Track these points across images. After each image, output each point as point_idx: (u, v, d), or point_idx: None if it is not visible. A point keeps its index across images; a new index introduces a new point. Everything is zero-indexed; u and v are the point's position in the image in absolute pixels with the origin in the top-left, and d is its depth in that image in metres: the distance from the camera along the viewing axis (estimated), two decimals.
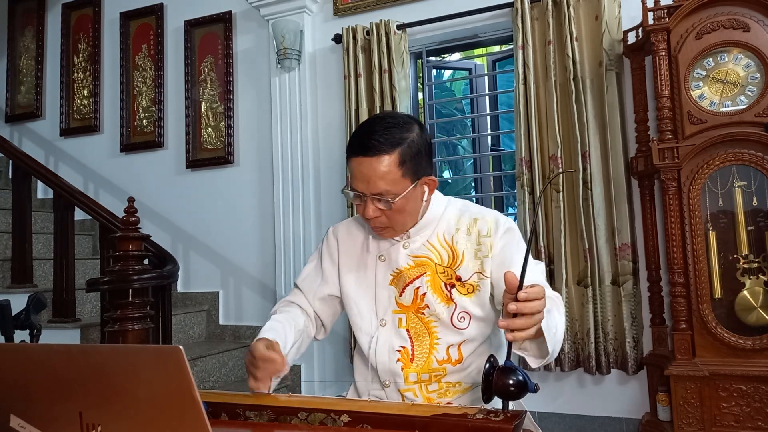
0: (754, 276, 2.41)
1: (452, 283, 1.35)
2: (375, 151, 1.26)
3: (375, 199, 1.29)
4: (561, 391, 2.92)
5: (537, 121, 2.89)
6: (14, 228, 3.08)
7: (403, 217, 1.33)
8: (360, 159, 1.28)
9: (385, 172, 1.26)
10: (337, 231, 1.50)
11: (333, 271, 1.47)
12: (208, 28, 3.74)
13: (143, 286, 2.28)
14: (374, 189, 1.27)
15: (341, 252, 1.47)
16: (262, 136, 3.56)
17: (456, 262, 1.36)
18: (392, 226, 1.34)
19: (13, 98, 4.27)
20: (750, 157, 2.39)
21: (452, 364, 1.34)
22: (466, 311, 1.33)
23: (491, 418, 0.93)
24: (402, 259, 1.38)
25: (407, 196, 1.29)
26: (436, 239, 1.38)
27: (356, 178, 1.30)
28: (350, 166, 1.32)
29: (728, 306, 2.43)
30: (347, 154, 1.33)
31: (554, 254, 2.83)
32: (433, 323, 1.35)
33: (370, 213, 1.30)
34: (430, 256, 1.37)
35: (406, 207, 1.31)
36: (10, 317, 1.50)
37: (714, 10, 2.48)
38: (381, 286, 1.40)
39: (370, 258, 1.43)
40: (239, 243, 3.58)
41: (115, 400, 0.72)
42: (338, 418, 1.00)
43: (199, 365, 3.00)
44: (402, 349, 1.36)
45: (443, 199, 1.45)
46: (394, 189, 1.27)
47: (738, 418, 2.33)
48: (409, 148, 1.28)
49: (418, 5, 3.25)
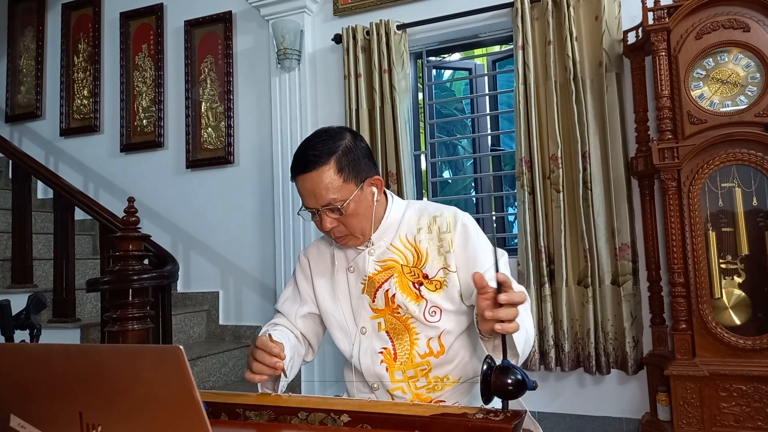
0: (729, 277, 2.44)
1: (420, 281, 1.39)
2: (312, 165, 1.31)
3: (326, 210, 1.33)
4: (561, 391, 2.92)
5: (537, 121, 2.89)
6: (14, 228, 3.08)
7: (358, 220, 1.37)
8: (302, 177, 1.33)
9: (327, 182, 1.31)
10: (308, 252, 1.55)
11: (309, 290, 1.51)
12: (208, 28, 3.74)
13: (143, 286, 2.28)
14: (322, 201, 1.32)
15: (313, 271, 1.51)
16: (262, 136, 3.56)
17: (421, 261, 1.40)
18: (351, 232, 1.37)
19: (13, 98, 4.27)
20: (750, 157, 2.39)
21: (435, 356, 1.37)
22: (436, 306, 1.37)
23: (491, 417, 0.94)
24: (369, 265, 1.42)
25: (355, 199, 1.34)
26: (398, 241, 1.42)
27: (305, 196, 1.35)
28: (297, 187, 1.37)
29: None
30: (291, 176, 1.38)
31: (554, 254, 2.83)
32: (409, 319, 1.38)
33: (327, 225, 1.35)
34: (395, 258, 1.41)
35: (358, 210, 1.36)
36: (10, 317, 1.50)
37: (714, 10, 2.48)
38: (354, 296, 1.44)
39: (341, 271, 1.46)
40: (239, 243, 3.58)
41: (115, 400, 0.72)
42: (338, 418, 1.00)
43: (199, 365, 3.00)
44: (384, 351, 1.40)
45: (402, 203, 1.48)
46: (340, 195, 1.32)
47: (738, 418, 2.33)
48: (344, 155, 1.33)
49: (418, 5, 3.25)
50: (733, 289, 2.44)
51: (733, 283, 2.44)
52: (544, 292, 2.80)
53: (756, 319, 2.41)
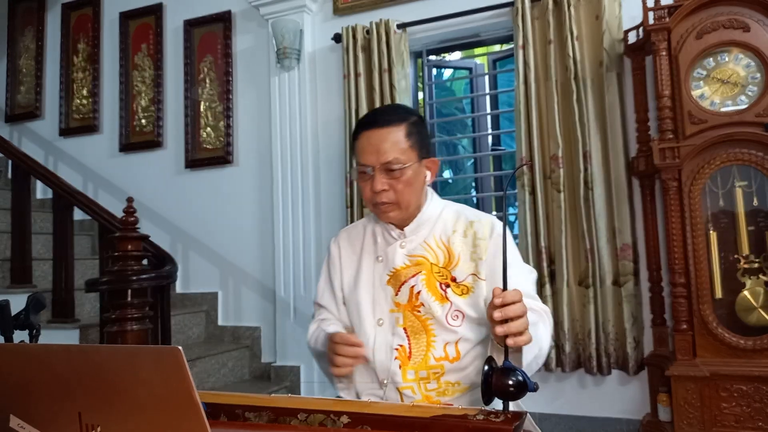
0: (755, 276, 2.41)
1: (447, 283, 1.37)
2: (384, 122, 1.35)
3: (384, 170, 1.34)
4: (562, 391, 2.92)
5: (537, 120, 2.89)
6: (14, 228, 3.08)
7: (409, 192, 1.37)
8: (369, 132, 1.36)
9: (395, 140, 1.34)
10: (338, 239, 1.55)
11: (338, 279, 1.51)
12: (207, 28, 3.74)
13: (142, 287, 2.28)
14: (384, 158, 1.33)
15: (342, 258, 1.51)
16: (262, 136, 3.56)
17: (452, 263, 1.38)
18: (398, 201, 1.37)
19: (13, 98, 4.27)
20: (751, 157, 2.39)
21: (450, 362, 1.35)
22: (459, 310, 1.35)
23: (492, 419, 0.93)
24: (399, 258, 1.41)
25: (413, 168, 1.36)
26: (432, 240, 1.41)
27: (365, 152, 1.36)
28: (358, 143, 1.38)
29: (729, 306, 2.43)
30: (354, 134, 1.40)
31: (555, 255, 2.82)
32: (429, 321, 1.36)
33: (378, 186, 1.34)
34: (426, 255, 1.40)
35: (413, 181, 1.37)
36: (9, 317, 1.49)
37: (714, 10, 2.48)
38: (378, 286, 1.42)
39: (369, 260, 1.46)
40: (238, 243, 3.57)
41: (114, 401, 0.72)
42: (338, 419, 1.00)
43: (198, 366, 3.00)
44: (399, 347, 1.37)
45: (441, 202, 1.48)
46: (403, 157, 1.34)
47: (738, 419, 2.32)
48: (414, 125, 1.38)
49: (419, 4, 3.24)
50: (760, 288, 2.39)
51: (759, 282, 2.39)
52: (544, 293, 2.80)
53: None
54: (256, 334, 3.46)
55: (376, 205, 1.39)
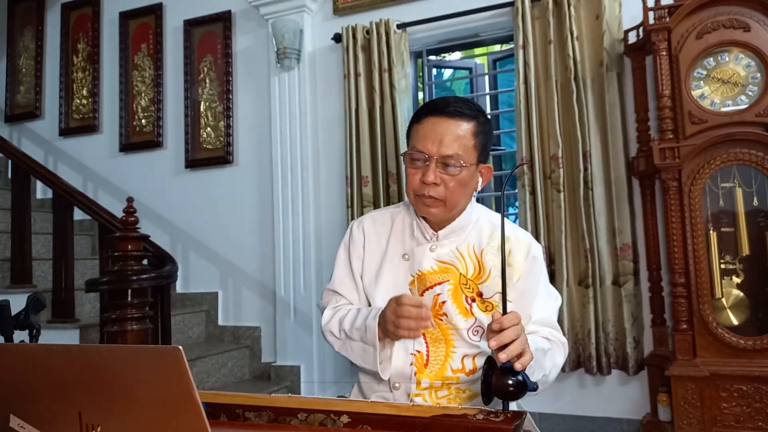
0: (728, 277, 2.45)
1: (473, 297, 1.31)
2: (455, 113, 1.26)
3: (442, 163, 1.25)
4: (562, 391, 2.91)
5: (538, 120, 2.89)
6: (13, 228, 3.08)
7: (460, 193, 1.29)
8: (436, 119, 1.26)
9: (461, 135, 1.25)
10: (363, 224, 1.44)
11: (359, 266, 1.42)
12: (207, 28, 3.73)
13: (142, 287, 2.28)
14: (446, 150, 1.25)
15: (366, 246, 1.41)
16: (262, 136, 3.55)
17: (481, 277, 1.32)
18: (446, 198, 1.28)
19: (13, 98, 4.26)
20: (751, 157, 2.39)
21: (466, 374, 1.31)
22: (481, 326, 1.31)
23: (491, 418, 0.93)
24: (427, 261, 1.34)
25: (471, 170, 1.28)
26: (465, 248, 1.34)
27: (427, 139, 1.26)
28: (420, 128, 1.29)
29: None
30: (418, 116, 1.30)
31: (555, 254, 2.82)
32: (450, 331, 1.31)
33: (431, 177, 1.25)
34: (456, 264, 1.33)
35: (467, 182, 1.29)
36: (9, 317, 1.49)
37: (714, 9, 2.48)
38: (400, 286, 1.35)
39: (395, 255, 1.38)
40: (238, 243, 3.57)
41: (114, 401, 0.72)
42: (338, 419, 1.00)
43: (198, 366, 3.00)
44: (417, 354, 1.32)
45: (480, 209, 1.41)
46: (464, 155, 1.26)
47: (738, 419, 2.32)
48: (482, 126, 1.30)
49: (418, 4, 3.24)
50: (731, 289, 2.44)
51: (732, 284, 2.44)
52: None
53: (756, 320, 2.41)
54: (256, 333, 3.46)
55: (421, 197, 1.29)
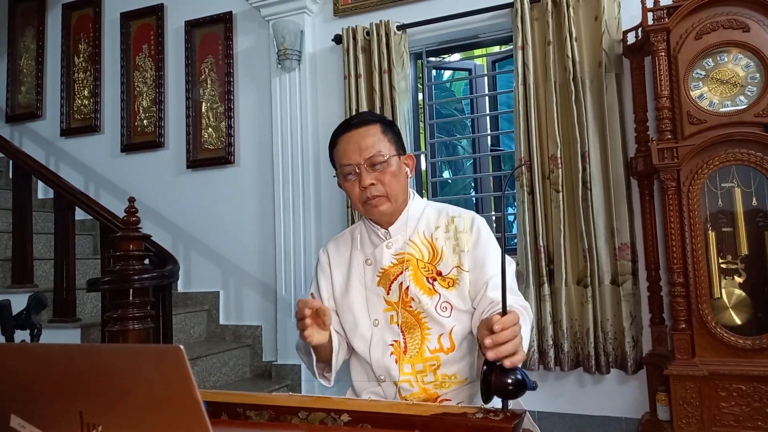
0: (730, 277, 2.45)
1: (434, 277, 1.42)
2: (360, 123, 1.43)
3: (369, 165, 1.39)
4: (560, 390, 2.92)
5: (536, 121, 2.89)
6: (15, 228, 3.09)
7: (396, 183, 1.42)
8: (348, 134, 1.42)
9: (373, 136, 1.41)
10: (327, 249, 1.58)
11: (329, 286, 1.53)
12: (208, 29, 3.74)
13: (144, 286, 2.29)
14: (367, 153, 1.39)
15: (332, 266, 1.54)
16: (263, 137, 3.56)
17: (436, 258, 1.43)
18: (387, 194, 1.41)
19: (14, 98, 4.27)
20: (749, 157, 2.39)
21: (445, 353, 1.39)
22: (448, 302, 1.40)
23: (491, 417, 0.94)
24: (386, 258, 1.45)
25: (396, 161, 1.42)
26: (417, 237, 1.46)
27: (348, 152, 1.41)
28: (339, 148, 1.44)
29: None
30: (333, 140, 1.46)
31: (554, 254, 2.83)
32: (421, 314, 1.40)
33: (366, 181, 1.39)
34: (411, 252, 1.44)
35: (398, 173, 1.43)
36: (10, 317, 1.50)
37: (713, 10, 2.48)
38: (370, 289, 1.46)
39: (358, 264, 1.49)
40: (240, 243, 3.58)
41: (115, 400, 0.72)
42: (338, 417, 1.00)
43: (199, 365, 3.01)
44: (395, 343, 1.41)
45: (422, 201, 1.54)
46: (384, 150, 1.40)
47: (737, 418, 2.33)
48: (387, 125, 1.46)
49: (418, 6, 3.25)
50: (733, 289, 2.44)
51: (734, 283, 2.44)
52: (543, 292, 2.80)
53: (756, 319, 2.41)
54: (257, 333, 3.47)
55: (367, 202, 1.42)
